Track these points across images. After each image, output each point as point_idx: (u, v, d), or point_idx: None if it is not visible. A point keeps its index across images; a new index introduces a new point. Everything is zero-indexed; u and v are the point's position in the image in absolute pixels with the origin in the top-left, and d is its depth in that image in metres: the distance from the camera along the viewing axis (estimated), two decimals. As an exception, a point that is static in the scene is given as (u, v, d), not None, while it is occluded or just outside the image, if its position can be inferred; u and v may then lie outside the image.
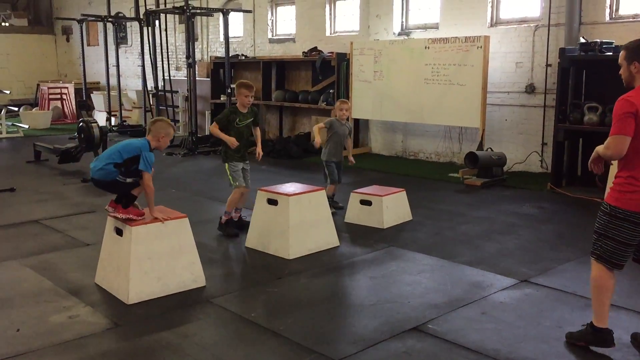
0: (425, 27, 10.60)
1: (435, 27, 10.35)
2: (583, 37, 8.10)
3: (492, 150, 9.10)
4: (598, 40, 7.77)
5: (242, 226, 6.06)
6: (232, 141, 5.81)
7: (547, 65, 8.96)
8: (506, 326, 3.94)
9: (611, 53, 7.64)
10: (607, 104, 7.64)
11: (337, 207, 6.85)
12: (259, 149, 6.28)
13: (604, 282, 3.53)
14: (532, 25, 9.19)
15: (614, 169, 3.65)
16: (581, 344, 3.61)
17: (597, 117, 7.59)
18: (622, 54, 3.54)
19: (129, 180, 4.51)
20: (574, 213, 7.04)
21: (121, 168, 4.46)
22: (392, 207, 6.39)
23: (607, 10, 8.46)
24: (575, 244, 5.71)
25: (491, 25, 9.64)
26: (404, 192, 6.65)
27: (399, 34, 10.87)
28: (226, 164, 6.03)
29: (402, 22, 10.97)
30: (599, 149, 3.54)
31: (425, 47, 9.72)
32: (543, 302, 4.34)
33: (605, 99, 7.75)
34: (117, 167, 4.46)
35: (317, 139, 6.71)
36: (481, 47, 9.02)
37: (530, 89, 9.24)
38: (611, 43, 7.75)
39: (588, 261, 5.18)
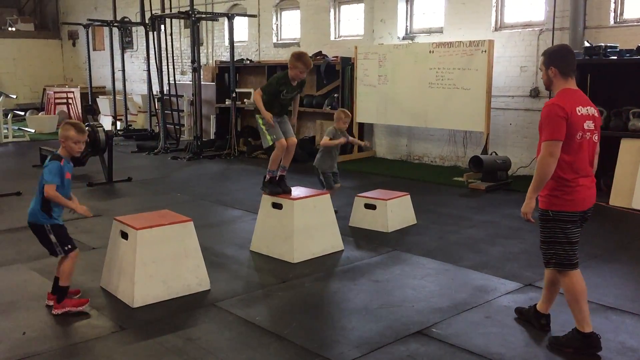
0: (429, 32, 10.61)
1: (440, 31, 10.36)
2: (587, 41, 8.10)
3: (496, 154, 9.10)
4: (602, 44, 7.78)
5: (283, 187, 5.54)
6: (269, 118, 5.29)
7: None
8: (510, 330, 3.94)
9: (616, 57, 7.64)
10: (612, 108, 7.64)
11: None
12: (294, 120, 5.79)
13: (577, 287, 3.58)
14: (536, 29, 9.19)
15: (619, 171, 3.74)
16: (569, 350, 3.60)
17: (601, 121, 7.57)
18: (541, 59, 3.70)
19: (52, 238, 4.13)
20: (579, 217, 7.02)
21: (47, 205, 4.11)
22: (396, 211, 6.40)
23: (612, 14, 8.45)
24: (580, 248, 5.67)
25: (495, 30, 9.65)
26: (409, 196, 6.65)
27: (404, 38, 10.89)
28: (259, 119, 5.44)
29: (407, 26, 10.99)
30: (530, 192, 3.57)
31: (430, 52, 9.73)
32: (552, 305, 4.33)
33: (610, 102, 7.75)
34: (44, 210, 4.12)
35: (340, 140, 6.78)
36: (485, 51, 9.03)
37: (535, 93, 9.24)
38: (616, 47, 7.75)
39: (593, 266, 5.21)
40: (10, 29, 20.12)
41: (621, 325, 4.00)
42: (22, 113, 16.66)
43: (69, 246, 4.22)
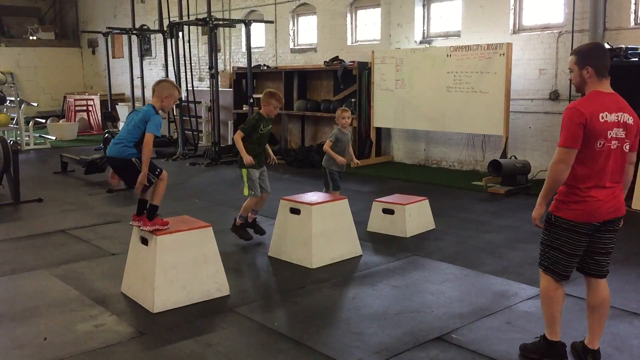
0: (447, 35, 10.57)
1: (457, 34, 10.32)
2: (608, 43, 8.01)
3: (515, 157, 9.02)
4: (623, 45, 7.68)
5: (257, 230, 6.17)
6: (248, 160, 5.78)
7: (571, 71, 8.84)
8: (532, 336, 3.88)
9: (637, 59, 7.54)
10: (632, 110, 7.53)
11: None
12: (271, 155, 6.39)
13: (553, 294, 3.46)
14: (555, 31, 9.11)
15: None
16: (534, 357, 3.55)
17: None
18: (572, 59, 3.46)
19: (137, 158, 4.50)
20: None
21: (140, 146, 4.46)
22: (414, 215, 6.37)
23: (632, 16, 8.35)
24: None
25: (514, 32, 9.58)
26: (427, 200, 6.62)
27: (421, 42, 10.86)
28: (243, 171, 5.98)
29: (424, 30, 10.96)
30: (540, 200, 3.39)
31: (447, 55, 9.69)
32: (569, 311, 4.27)
33: (631, 104, 7.62)
34: (136, 147, 4.47)
35: (339, 159, 6.69)
36: (504, 54, 8.96)
37: (554, 96, 9.15)
38: (636, 48, 7.66)
39: (615, 270, 5.12)
40: (31, 37, 20.44)
41: (631, 327, 3.93)
42: (43, 120, 16.89)
43: (158, 170, 4.60)
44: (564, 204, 3.34)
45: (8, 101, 13.53)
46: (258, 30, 13.88)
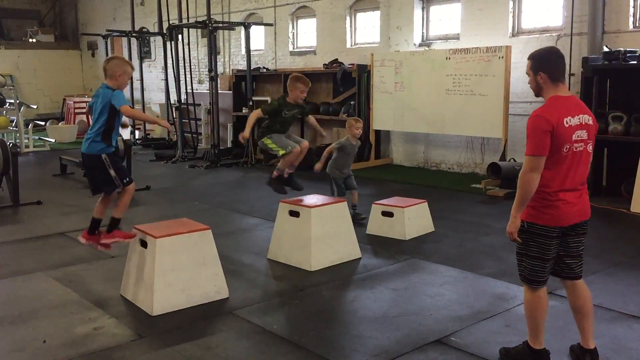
0: (446, 38, 10.59)
1: (456, 37, 10.33)
2: (606, 46, 8.02)
3: (514, 160, 9.03)
4: (622, 49, 7.69)
5: (294, 185, 5.94)
6: (244, 136, 5.62)
7: (570, 74, 8.87)
8: (531, 339, 3.89)
9: (636, 62, 7.55)
10: (632, 113, 7.55)
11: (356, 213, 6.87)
12: (323, 132, 6.28)
13: (538, 304, 3.46)
14: (554, 34, 9.12)
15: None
16: None
17: (622, 127, 7.49)
18: (527, 64, 3.46)
19: (112, 172, 4.33)
20: (599, 224, 6.93)
21: (109, 137, 4.29)
22: (413, 218, 6.37)
23: (631, 19, 8.37)
24: (600, 256, 5.62)
25: (513, 35, 9.60)
26: (426, 203, 6.62)
27: (420, 45, 10.88)
28: (266, 141, 5.77)
29: (423, 33, 10.97)
30: (513, 211, 3.35)
31: (446, 58, 9.71)
32: (569, 314, 4.24)
33: (630, 108, 7.66)
34: (104, 139, 4.29)
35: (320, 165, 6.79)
36: (503, 57, 8.98)
37: (553, 99, 9.15)
38: (635, 51, 7.67)
39: (614, 273, 5.13)
40: (31, 40, 20.46)
41: (630, 331, 3.94)
42: (43, 123, 16.88)
43: (127, 179, 4.41)
44: (535, 210, 3.36)
45: (7, 103, 13.53)
46: (257, 33, 13.90)
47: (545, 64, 3.38)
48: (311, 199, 5.67)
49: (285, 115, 5.80)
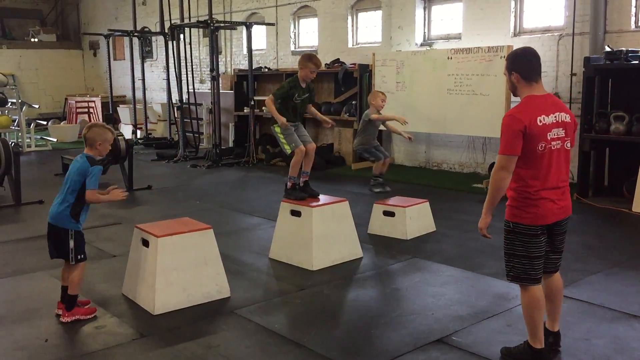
0: (447, 38, 10.59)
1: (458, 37, 10.33)
2: (608, 46, 8.01)
3: (516, 160, 9.01)
4: (624, 48, 7.69)
5: (310, 192, 5.64)
6: (282, 121, 5.48)
7: (572, 74, 8.87)
8: (532, 338, 3.89)
9: (638, 61, 7.55)
10: (634, 113, 7.54)
11: (377, 184, 7.11)
12: (327, 119, 6.04)
13: (534, 303, 3.47)
14: (556, 34, 9.12)
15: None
16: None
17: (623, 126, 7.48)
18: (504, 64, 3.53)
19: (71, 244, 4.19)
20: (601, 224, 6.93)
21: (77, 209, 4.17)
22: (415, 218, 6.37)
23: (633, 19, 8.36)
24: (602, 256, 5.62)
25: (514, 35, 9.59)
26: (427, 203, 6.62)
27: (421, 45, 10.87)
28: (276, 128, 5.65)
29: (425, 32, 10.97)
30: (485, 208, 3.52)
31: (448, 58, 9.70)
32: (570, 314, 4.28)
33: (632, 107, 7.65)
34: (73, 213, 4.18)
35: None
36: (504, 57, 8.96)
37: (555, 99, 9.15)
38: (637, 51, 7.66)
39: (616, 273, 5.13)
40: (32, 39, 20.47)
41: (632, 331, 3.93)
42: (45, 122, 16.90)
43: (82, 256, 4.28)
44: (519, 210, 3.40)
45: (9, 103, 13.55)
46: (259, 33, 13.90)
47: (518, 64, 3.46)
48: (313, 199, 5.67)
49: (297, 101, 5.65)
